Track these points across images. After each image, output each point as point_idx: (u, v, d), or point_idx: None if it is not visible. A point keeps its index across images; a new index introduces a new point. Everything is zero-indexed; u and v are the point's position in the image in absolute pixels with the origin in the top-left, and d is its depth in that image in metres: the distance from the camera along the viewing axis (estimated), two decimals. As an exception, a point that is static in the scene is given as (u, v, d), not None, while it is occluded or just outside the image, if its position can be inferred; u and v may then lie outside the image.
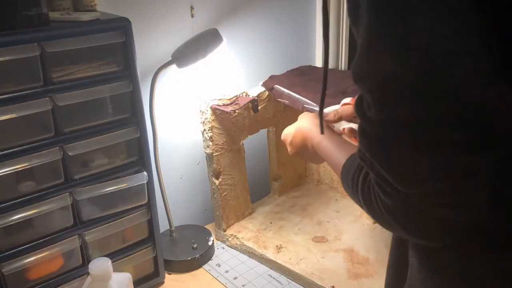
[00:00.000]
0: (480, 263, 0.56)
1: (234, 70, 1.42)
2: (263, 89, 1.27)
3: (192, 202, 1.45)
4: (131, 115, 1.01)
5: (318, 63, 1.64)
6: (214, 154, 1.25)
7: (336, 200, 1.44)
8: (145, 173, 1.05)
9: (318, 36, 1.62)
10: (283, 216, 1.38)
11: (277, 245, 1.25)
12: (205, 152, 1.26)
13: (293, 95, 1.18)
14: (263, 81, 1.28)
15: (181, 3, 1.25)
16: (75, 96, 0.91)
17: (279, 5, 1.48)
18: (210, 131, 1.22)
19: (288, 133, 0.98)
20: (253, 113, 1.28)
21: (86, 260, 1.03)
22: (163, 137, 1.27)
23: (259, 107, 1.27)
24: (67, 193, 0.96)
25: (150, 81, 1.15)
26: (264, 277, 1.19)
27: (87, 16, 0.91)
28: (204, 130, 1.23)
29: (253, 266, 1.24)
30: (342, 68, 1.62)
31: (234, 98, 1.24)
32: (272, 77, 1.31)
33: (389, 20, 0.46)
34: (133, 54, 0.96)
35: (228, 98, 1.23)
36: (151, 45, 1.22)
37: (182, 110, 1.34)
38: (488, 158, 0.49)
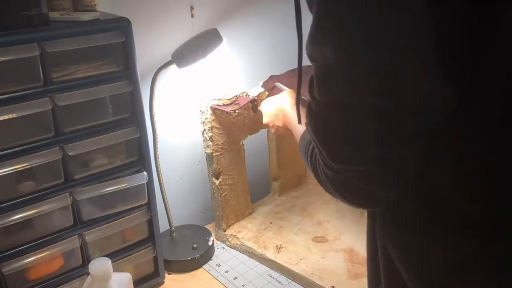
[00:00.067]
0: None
1: (234, 70, 1.42)
2: (263, 89, 1.27)
3: (192, 202, 1.45)
4: (131, 115, 1.01)
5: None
6: (214, 154, 1.25)
7: (336, 200, 1.43)
8: (145, 173, 1.05)
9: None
10: (283, 216, 1.38)
11: (277, 245, 1.25)
12: (205, 152, 1.26)
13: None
14: (263, 81, 1.28)
15: (181, 3, 1.25)
16: (75, 96, 0.91)
17: (279, 5, 1.48)
18: (210, 131, 1.22)
19: (265, 104, 1.13)
20: (252, 113, 1.28)
21: (86, 260, 1.03)
22: (163, 137, 1.27)
23: (259, 107, 1.27)
24: (67, 193, 0.96)
25: (150, 81, 1.15)
26: (264, 277, 1.19)
27: (87, 16, 0.91)
28: (204, 130, 1.23)
29: (253, 266, 1.24)
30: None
31: (234, 98, 1.24)
32: (272, 77, 1.31)
33: (335, 7, 0.49)
34: (133, 54, 0.96)
35: (228, 98, 1.23)
36: (151, 45, 1.22)
37: (182, 110, 1.34)
38: (404, 149, 0.52)
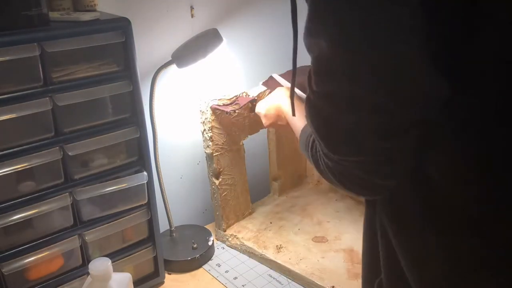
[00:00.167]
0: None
1: (234, 70, 1.42)
2: (263, 89, 1.26)
3: (192, 202, 1.45)
4: (131, 115, 1.01)
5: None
6: (214, 154, 1.25)
7: (336, 200, 1.44)
8: (145, 173, 1.05)
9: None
10: (283, 216, 1.38)
11: (277, 245, 1.25)
12: (205, 152, 1.26)
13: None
14: (263, 81, 1.28)
15: (181, 3, 1.25)
16: (75, 96, 0.91)
17: (279, 5, 1.48)
18: (210, 131, 1.22)
19: (262, 107, 1.12)
20: (252, 113, 1.28)
21: (86, 260, 1.03)
22: (163, 137, 1.27)
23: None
24: (67, 193, 0.96)
25: (150, 81, 1.15)
26: (264, 277, 1.19)
27: (87, 16, 0.91)
28: (204, 130, 1.23)
29: (253, 266, 1.24)
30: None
31: (234, 98, 1.24)
32: (272, 77, 1.30)
33: (330, 0, 0.49)
34: (133, 54, 0.96)
35: (228, 98, 1.23)
36: (151, 45, 1.22)
37: (182, 110, 1.34)
38: (401, 140, 0.53)
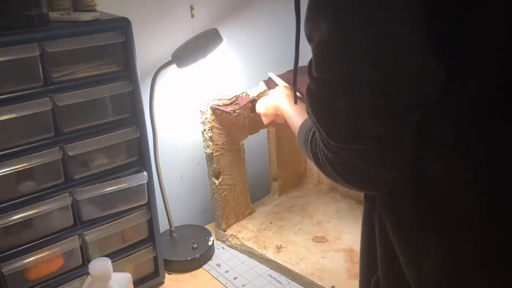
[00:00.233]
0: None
1: (234, 70, 1.42)
2: (263, 89, 1.26)
3: (192, 202, 1.45)
4: (131, 115, 1.01)
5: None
6: (214, 154, 1.25)
7: (336, 200, 1.44)
8: (145, 173, 1.05)
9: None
10: (283, 216, 1.38)
11: (277, 245, 1.25)
12: (205, 152, 1.26)
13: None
14: (264, 80, 1.28)
15: (181, 3, 1.25)
16: (75, 96, 0.91)
17: (279, 5, 1.48)
18: (210, 131, 1.22)
19: (261, 106, 1.13)
20: (252, 113, 1.28)
21: (86, 260, 1.03)
22: (163, 137, 1.27)
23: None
24: (67, 193, 0.96)
25: (150, 81, 1.15)
26: (264, 277, 1.19)
27: (87, 16, 0.91)
28: (204, 130, 1.23)
29: (253, 266, 1.24)
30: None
31: (234, 98, 1.24)
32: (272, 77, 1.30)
33: None
34: (133, 54, 0.96)
35: (228, 98, 1.23)
36: (151, 45, 1.22)
37: (182, 110, 1.34)
38: (403, 123, 0.52)
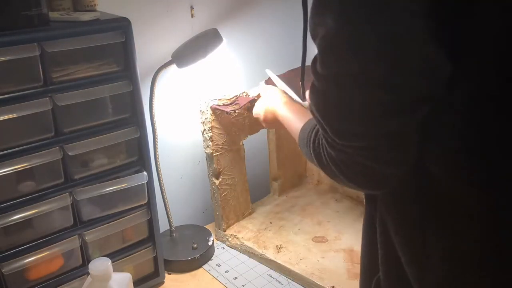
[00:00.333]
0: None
1: (234, 70, 1.42)
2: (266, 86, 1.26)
3: (192, 202, 1.45)
4: (131, 115, 1.01)
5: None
6: (214, 154, 1.25)
7: (336, 200, 1.44)
8: (145, 173, 1.05)
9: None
10: (283, 216, 1.38)
11: (277, 245, 1.25)
12: (205, 152, 1.26)
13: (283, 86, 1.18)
14: (264, 80, 1.28)
15: (181, 3, 1.25)
16: (75, 96, 0.91)
17: (279, 5, 1.48)
18: (210, 131, 1.22)
19: (259, 111, 1.12)
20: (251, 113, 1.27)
21: (86, 260, 1.03)
22: (163, 137, 1.27)
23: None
24: (67, 193, 0.96)
25: (150, 81, 1.15)
26: (264, 277, 1.19)
27: (87, 16, 0.91)
28: (204, 130, 1.23)
29: (253, 266, 1.24)
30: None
31: (234, 98, 1.24)
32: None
33: None
34: (133, 54, 0.96)
35: (228, 98, 1.23)
36: (151, 45, 1.22)
37: (182, 110, 1.34)
38: (410, 119, 0.52)
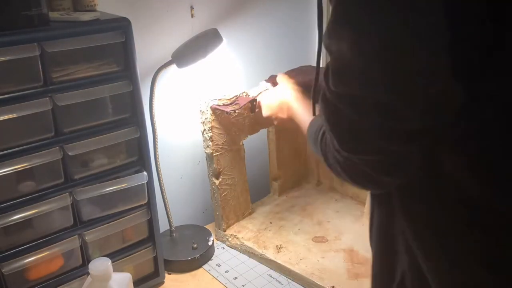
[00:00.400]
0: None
1: (234, 70, 1.42)
2: (263, 89, 1.26)
3: (192, 202, 1.45)
4: (131, 115, 1.01)
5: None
6: (214, 154, 1.25)
7: (336, 200, 1.44)
8: (145, 173, 1.05)
9: (318, 36, 1.61)
10: (283, 216, 1.38)
11: (277, 245, 1.25)
12: (205, 152, 1.26)
13: None
14: (265, 79, 1.28)
15: (181, 3, 1.25)
16: (75, 96, 0.91)
17: (279, 5, 1.48)
18: (210, 131, 1.22)
19: (265, 97, 1.16)
20: (251, 113, 1.27)
21: (86, 260, 1.03)
22: (163, 137, 1.27)
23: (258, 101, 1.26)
24: (67, 193, 0.96)
25: (150, 81, 1.15)
26: (264, 277, 1.19)
27: (87, 16, 0.91)
28: (204, 130, 1.23)
29: (253, 266, 1.24)
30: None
31: (234, 98, 1.24)
32: (273, 76, 1.30)
33: (355, 5, 0.50)
34: (133, 54, 0.96)
35: (228, 98, 1.23)
36: (151, 45, 1.22)
37: (182, 110, 1.34)
38: (416, 143, 0.55)
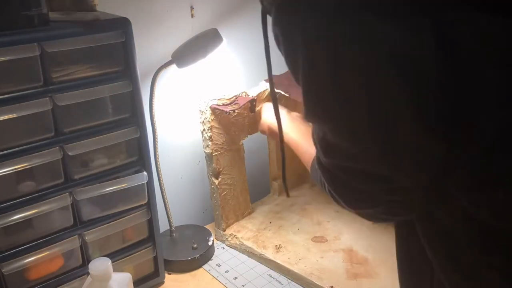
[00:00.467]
0: None
1: (234, 70, 1.42)
2: (263, 89, 1.26)
3: (192, 202, 1.45)
4: (131, 115, 1.01)
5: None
6: (213, 154, 1.25)
7: (335, 200, 1.44)
8: (145, 173, 1.05)
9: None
10: (283, 216, 1.38)
11: (276, 245, 1.25)
12: (205, 151, 1.26)
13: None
14: (265, 79, 1.28)
15: (181, 3, 1.25)
16: (75, 96, 0.91)
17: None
18: (209, 130, 1.22)
19: (263, 128, 1.22)
20: (251, 113, 1.28)
21: (86, 260, 1.03)
22: (163, 137, 1.27)
23: (257, 108, 1.27)
24: (67, 193, 0.96)
25: (150, 81, 1.15)
26: (264, 277, 1.19)
27: (87, 16, 0.91)
28: (204, 129, 1.23)
29: (253, 266, 1.24)
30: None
31: (234, 98, 1.24)
32: (273, 75, 1.30)
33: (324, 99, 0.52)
34: (133, 54, 0.96)
35: (228, 97, 1.23)
36: (151, 45, 1.22)
37: (182, 110, 1.34)
38: (411, 195, 0.55)
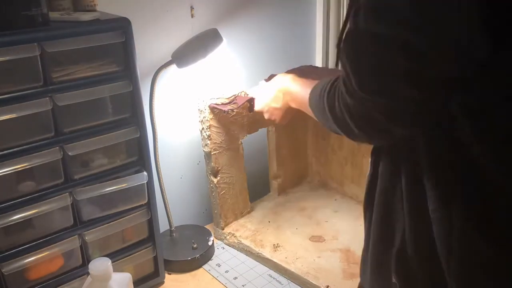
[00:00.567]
0: None
1: (234, 70, 1.42)
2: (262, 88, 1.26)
3: (192, 202, 1.45)
4: (131, 115, 1.01)
5: (318, 63, 1.64)
6: (212, 153, 1.25)
7: (335, 200, 1.45)
8: (145, 173, 1.05)
9: (318, 36, 1.62)
10: (282, 215, 1.39)
11: (274, 244, 1.25)
12: (204, 150, 1.26)
13: None
14: (265, 79, 1.28)
15: (181, 3, 1.25)
16: (75, 96, 0.91)
17: (279, 5, 1.48)
18: (208, 129, 1.22)
19: (264, 101, 1.13)
20: (249, 112, 1.28)
21: (86, 260, 1.03)
22: (163, 137, 1.27)
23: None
24: (67, 193, 0.96)
25: (150, 81, 1.15)
26: (264, 277, 1.19)
27: (87, 16, 0.91)
28: (203, 128, 1.23)
29: (253, 266, 1.24)
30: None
31: (233, 97, 1.24)
32: (273, 75, 1.30)
33: None
34: (133, 54, 0.96)
35: (227, 97, 1.23)
36: (151, 45, 1.22)
37: (182, 110, 1.34)
38: (437, 92, 0.57)
